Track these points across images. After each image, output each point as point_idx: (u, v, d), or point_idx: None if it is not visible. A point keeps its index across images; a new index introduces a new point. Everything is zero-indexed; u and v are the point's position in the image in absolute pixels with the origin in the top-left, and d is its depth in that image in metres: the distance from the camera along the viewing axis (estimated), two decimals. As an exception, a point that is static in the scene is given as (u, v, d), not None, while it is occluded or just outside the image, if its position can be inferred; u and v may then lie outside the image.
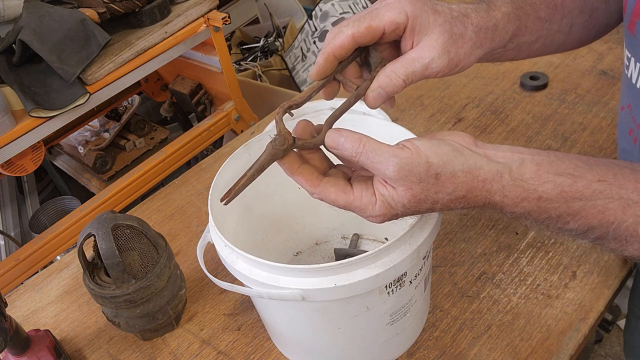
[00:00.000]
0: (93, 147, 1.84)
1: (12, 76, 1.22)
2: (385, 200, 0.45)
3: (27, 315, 0.84)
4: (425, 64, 0.47)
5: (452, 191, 0.44)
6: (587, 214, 0.43)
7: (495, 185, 0.44)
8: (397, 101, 1.06)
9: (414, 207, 0.45)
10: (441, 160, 0.43)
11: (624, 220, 0.43)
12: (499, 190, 0.44)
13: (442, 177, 0.43)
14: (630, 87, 0.52)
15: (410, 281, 0.57)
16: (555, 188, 0.43)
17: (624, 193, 0.43)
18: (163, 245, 0.73)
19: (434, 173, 0.43)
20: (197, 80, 1.73)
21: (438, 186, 0.43)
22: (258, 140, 0.69)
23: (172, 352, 0.73)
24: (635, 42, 0.49)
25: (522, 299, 0.70)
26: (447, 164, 0.43)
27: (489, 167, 0.44)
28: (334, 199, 0.47)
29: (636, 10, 0.47)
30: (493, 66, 1.10)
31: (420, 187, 0.43)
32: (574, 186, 0.43)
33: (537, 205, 0.44)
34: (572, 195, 0.43)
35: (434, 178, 0.43)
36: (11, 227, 1.79)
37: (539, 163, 0.44)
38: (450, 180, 0.43)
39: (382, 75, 0.48)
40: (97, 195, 1.45)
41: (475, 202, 0.45)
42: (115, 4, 1.33)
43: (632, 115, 0.53)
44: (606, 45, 1.09)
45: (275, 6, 2.25)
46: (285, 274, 0.52)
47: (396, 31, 0.47)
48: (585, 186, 0.43)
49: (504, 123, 0.97)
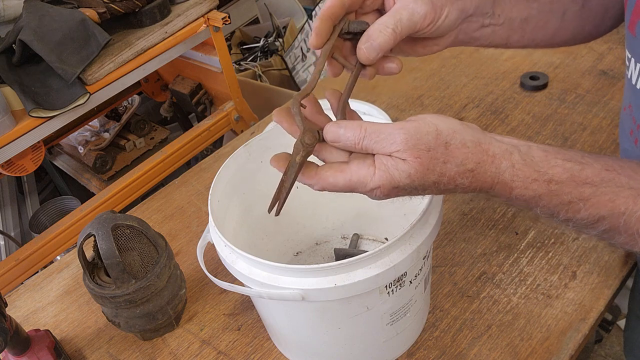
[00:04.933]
0: (93, 147, 1.84)
1: (12, 76, 1.22)
2: (388, 169, 0.43)
3: (27, 315, 0.84)
4: (411, 10, 0.47)
5: (461, 162, 0.42)
6: (598, 201, 0.42)
7: (505, 162, 0.43)
8: (397, 101, 1.06)
9: (420, 177, 0.43)
10: (450, 129, 0.43)
11: (634, 211, 0.42)
12: (508, 168, 0.43)
13: (451, 146, 0.42)
14: (630, 88, 0.52)
15: (410, 281, 0.57)
16: (564, 172, 0.42)
17: (633, 183, 0.42)
18: (163, 245, 0.73)
19: (444, 141, 0.42)
20: (197, 80, 1.73)
21: (447, 155, 0.42)
22: (258, 140, 0.69)
23: (172, 352, 0.73)
24: (636, 43, 0.49)
25: (522, 299, 0.70)
26: (457, 132, 0.43)
27: (498, 144, 0.43)
28: (333, 182, 0.45)
29: (637, 10, 0.47)
30: (493, 66, 1.10)
31: (430, 155, 0.42)
32: (583, 172, 0.42)
33: (548, 188, 0.42)
34: (582, 180, 0.42)
35: (444, 146, 0.42)
36: (11, 227, 1.79)
37: (545, 150, 0.44)
38: (459, 149, 0.42)
39: (371, 29, 0.48)
40: (97, 195, 1.45)
41: (484, 179, 0.43)
42: (115, 4, 1.33)
43: (633, 115, 0.53)
44: (606, 45, 1.09)
45: (275, 6, 2.25)
46: (285, 274, 0.52)
47: None
48: (594, 173, 0.42)
49: (504, 123, 0.97)
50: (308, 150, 0.45)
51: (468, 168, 0.43)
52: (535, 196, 0.43)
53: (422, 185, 0.43)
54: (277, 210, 0.48)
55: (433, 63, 1.15)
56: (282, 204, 0.48)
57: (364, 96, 1.07)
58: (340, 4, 0.47)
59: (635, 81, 0.50)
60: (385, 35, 0.47)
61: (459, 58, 1.16)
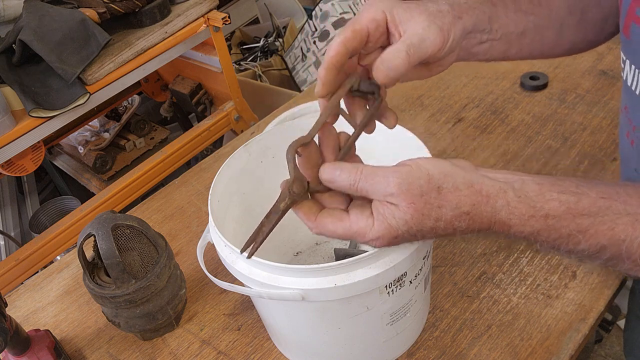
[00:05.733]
0: (93, 147, 1.84)
1: (12, 76, 1.22)
2: (385, 219, 0.43)
3: (27, 315, 0.84)
4: (420, 36, 0.47)
5: (455, 206, 0.42)
6: (597, 231, 0.42)
7: (500, 201, 0.43)
8: (397, 101, 1.06)
9: (417, 223, 0.43)
10: (442, 173, 0.43)
11: (635, 237, 0.41)
12: (504, 207, 0.42)
13: (444, 190, 0.42)
14: (626, 90, 0.52)
15: (410, 281, 0.57)
16: (561, 205, 0.42)
17: (630, 209, 0.42)
18: (163, 245, 0.73)
19: (436, 186, 0.42)
20: (197, 80, 1.73)
21: (441, 200, 0.42)
22: (258, 140, 0.69)
23: (172, 352, 0.73)
24: (630, 45, 0.49)
25: (522, 299, 0.70)
26: (448, 176, 0.43)
27: (491, 183, 0.43)
28: (332, 229, 0.46)
29: (631, 14, 0.47)
30: (493, 66, 1.10)
31: (423, 200, 0.42)
32: (579, 203, 0.42)
33: (545, 223, 0.42)
34: (579, 211, 0.42)
35: (436, 191, 0.42)
36: (11, 227, 1.79)
37: (540, 182, 0.44)
38: (453, 193, 0.42)
39: (384, 54, 0.47)
40: (97, 195, 1.45)
41: (481, 220, 0.43)
42: (115, 4, 1.33)
43: (629, 117, 0.53)
44: (606, 45, 1.08)
45: (275, 6, 2.25)
46: (285, 274, 0.52)
47: (379, 29, 0.48)
48: (590, 203, 0.42)
49: (504, 123, 0.97)
50: (294, 199, 0.46)
51: (464, 211, 0.42)
52: (534, 232, 0.43)
53: (420, 231, 0.43)
54: (250, 253, 0.48)
55: (433, 63, 1.15)
56: (257, 247, 0.48)
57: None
58: (344, 50, 0.47)
59: (630, 83, 0.50)
60: (400, 58, 0.46)
61: (459, 58, 1.15)
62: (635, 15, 0.46)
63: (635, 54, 0.48)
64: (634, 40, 0.48)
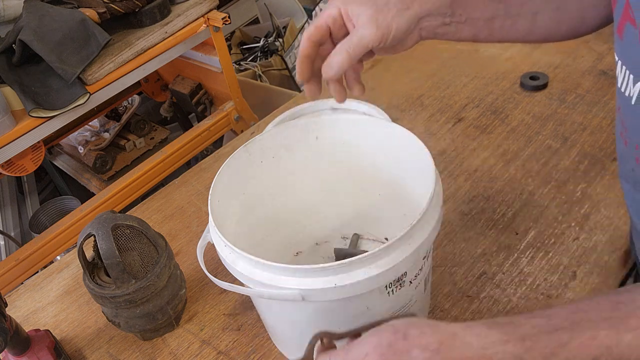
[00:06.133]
0: (93, 147, 1.84)
1: (12, 76, 1.22)
2: None
3: (27, 315, 0.84)
4: (359, 34, 0.54)
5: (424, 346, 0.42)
6: (581, 343, 0.41)
7: (469, 334, 0.43)
8: (397, 101, 1.06)
9: None
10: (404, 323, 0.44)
11: (621, 340, 0.41)
12: (474, 337, 0.42)
13: (410, 336, 0.43)
14: (618, 90, 0.52)
15: (410, 281, 0.57)
16: (533, 328, 0.42)
17: (605, 314, 0.42)
18: (163, 245, 0.73)
19: (402, 335, 0.43)
20: (197, 80, 1.73)
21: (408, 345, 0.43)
22: (258, 140, 0.69)
23: (172, 352, 0.73)
24: (622, 46, 0.49)
25: (522, 299, 0.70)
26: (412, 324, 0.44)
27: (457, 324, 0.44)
28: None
29: (625, 13, 0.47)
30: (493, 66, 1.10)
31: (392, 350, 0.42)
32: (550, 322, 0.42)
33: (523, 346, 0.42)
34: (553, 327, 0.42)
35: (402, 339, 0.43)
36: (11, 227, 1.79)
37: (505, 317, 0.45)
38: (418, 337, 0.43)
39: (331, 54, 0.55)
40: (97, 195, 1.45)
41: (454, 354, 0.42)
42: (115, 4, 1.33)
43: (622, 118, 0.53)
44: (606, 45, 1.09)
45: (275, 6, 2.25)
46: (285, 274, 0.52)
47: (336, 23, 0.56)
48: (562, 319, 0.42)
49: (504, 123, 0.97)
50: None
51: (432, 349, 0.42)
52: (516, 356, 0.42)
53: None
54: None
55: (433, 63, 1.15)
56: None
57: (364, 96, 1.07)
58: (311, 44, 0.56)
59: (620, 84, 0.50)
60: (341, 56, 0.54)
61: (458, 58, 1.16)
62: (629, 16, 0.46)
63: (627, 55, 0.48)
64: (626, 41, 0.47)
